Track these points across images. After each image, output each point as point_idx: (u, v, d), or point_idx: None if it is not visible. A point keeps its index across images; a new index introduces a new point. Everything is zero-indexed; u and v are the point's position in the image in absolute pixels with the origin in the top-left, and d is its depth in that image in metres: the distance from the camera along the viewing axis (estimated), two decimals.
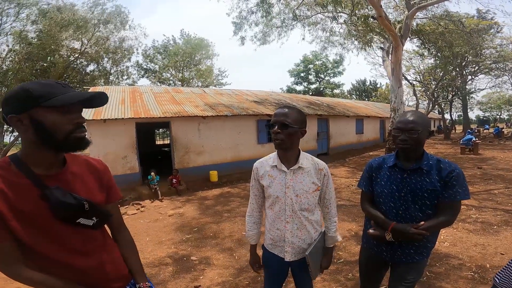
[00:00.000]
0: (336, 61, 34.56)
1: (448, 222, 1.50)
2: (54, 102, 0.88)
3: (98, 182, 1.11)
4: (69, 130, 0.92)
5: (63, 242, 0.96)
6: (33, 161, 0.94)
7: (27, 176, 0.91)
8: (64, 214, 0.93)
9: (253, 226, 1.67)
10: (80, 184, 1.03)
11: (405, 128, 1.49)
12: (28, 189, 0.90)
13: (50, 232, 0.93)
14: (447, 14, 11.89)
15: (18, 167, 0.91)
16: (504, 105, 45.47)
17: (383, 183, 1.61)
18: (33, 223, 0.90)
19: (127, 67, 22.46)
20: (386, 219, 1.56)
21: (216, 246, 4.01)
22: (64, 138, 0.92)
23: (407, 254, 1.57)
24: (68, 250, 0.96)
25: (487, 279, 2.71)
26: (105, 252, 1.09)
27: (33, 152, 0.94)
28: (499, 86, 24.44)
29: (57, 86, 0.92)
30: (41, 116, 0.88)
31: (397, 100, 9.19)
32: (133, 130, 8.05)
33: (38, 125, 0.89)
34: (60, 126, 0.91)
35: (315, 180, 1.52)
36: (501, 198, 5.42)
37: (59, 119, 0.90)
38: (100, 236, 1.09)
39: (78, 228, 0.98)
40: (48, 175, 0.95)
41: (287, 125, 1.41)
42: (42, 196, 0.90)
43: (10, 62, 14.46)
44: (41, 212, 0.90)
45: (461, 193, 1.45)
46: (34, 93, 0.87)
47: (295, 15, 11.71)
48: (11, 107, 0.88)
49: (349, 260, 3.29)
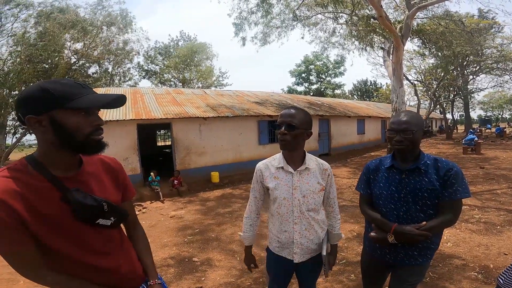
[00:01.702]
0: (337, 61, 34.57)
1: (450, 221, 1.48)
2: (77, 104, 0.86)
3: (114, 181, 1.11)
4: (89, 132, 0.91)
5: (85, 243, 0.96)
6: (51, 163, 0.92)
7: (47, 179, 0.89)
8: (86, 215, 0.93)
9: (250, 228, 1.66)
10: (97, 184, 1.02)
11: (399, 129, 1.48)
12: (49, 191, 0.89)
13: (72, 234, 0.92)
14: (447, 14, 11.88)
15: (36, 169, 0.89)
16: (506, 104, 45.34)
17: (382, 185, 1.60)
18: (55, 226, 0.89)
19: (128, 68, 22.56)
20: (387, 221, 1.54)
21: (218, 247, 4.00)
22: (84, 140, 0.90)
23: (410, 256, 1.55)
24: (90, 251, 0.96)
25: (491, 279, 2.69)
26: (122, 252, 1.09)
27: (51, 154, 0.92)
28: (501, 85, 24.39)
29: (77, 86, 0.90)
30: (63, 117, 0.86)
31: (399, 100, 9.18)
32: (135, 132, 8.06)
33: (59, 126, 0.87)
34: (81, 128, 0.89)
35: (320, 181, 1.53)
36: (504, 198, 5.39)
37: (80, 121, 0.89)
38: (117, 236, 1.09)
39: (98, 229, 0.98)
40: (67, 177, 0.94)
41: (293, 126, 1.41)
42: (63, 199, 0.89)
43: (12, 63, 14.52)
44: (62, 215, 0.89)
45: (461, 191, 1.43)
46: (54, 93, 0.85)
47: (295, 16, 11.72)
48: (30, 107, 0.85)
49: (351, 261, 3.28)
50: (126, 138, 7.91)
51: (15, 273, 3.16)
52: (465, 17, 12.85)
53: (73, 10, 15.97)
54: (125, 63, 20.83)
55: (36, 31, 14.89)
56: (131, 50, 20.39)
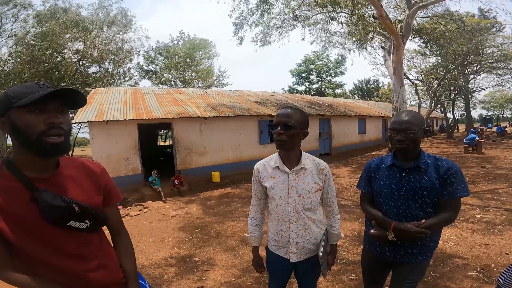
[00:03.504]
0: (337, 61, 34.52)
1: (449, 219, 1.49)
2: (23, 101, 0.86)
3: (95, 185, 1.09)
4: (40, 131, 0.88)
5: (55, 245, 0.94)
6: (23, 164, 0.92)
7: (18, 179, 0.90)
8: (53, 216, 0.91)
9: (256, 229, 1.66)
10: (73, 187, 1.01)
11: (400, 128, 1.50)
12: (19, 192, 0.89)
13: (42, 235, 0.92)
14: (448, 13, 11.86)
15: (9, 170, 0.90)
16: (507, 103, 45.25)
17: (382, 183, 1.62)
18: (24, 226, 0.89)
19: (128, 68, 22.58)
20: (386, 219, 1.56)
21: (219, 246, 4.01)
22: (36, 139, 0.88)
23: (410, 254, 1.56)
24: (60, 254, 0.95)
25: (492, 278, 2.69)
26: (101, 256, 1.06)
27: (22, 155, 0.92)
28: (502, 85, 24.33)
29: (33, 86, 0.89)
30: (16, 117, 0.87)
31: (399, 99, 9.17)
32: (135, 132, 8.07)
33: (12, 126, 0.88)
34: (32, 126, 0.87)
35: (317, 180, 1.52)
36: (505, 198, 5.38)
37: (31, 119, 0.87)
38: (96, 240, 1.07)
39: (71, 232, 0.96)
40: (40, 178, 0.94)
41: (290, 126, 1.41)
42: (32, 199, 0.89)
43: (12, 64, 14.54)
44: (30, 215, 0.89)
45: (460, 190, 1.45)
46: (9, 94, 0.87)
47: (296, 16, 11.71)
48: None
49: (352, 260, 3.28)
50: (127, 138, 7.92)
51: None
52: (465, 16, 12.82)
53: (74, 10, 16.00)
54: (125, 63, 20.85)
55: (37, 31, 14.91)
56: (131, 49, 20.42)
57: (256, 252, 1.71)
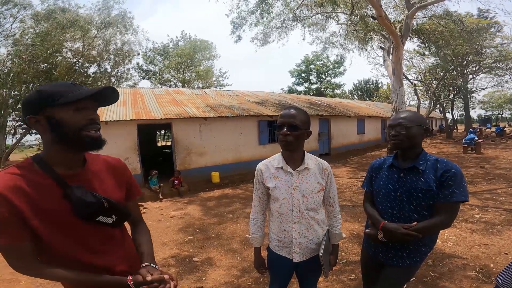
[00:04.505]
0: (337, 61, 34.57)
1: (443, 224, 1.45)
2: (65, 99, 0.91)
3: (117, 181, 1.14)
4: (81, 127, 0.94)
5: (83, 240, 0.99)
6: (54, 161, 0.96)
7: (50, 176, 0.94)
8: (85, 212, 0.96)
9: (257, 229, 1.66)
10: (99, 182, 1.06)
11: (394, 124, 1.53)
12: (51, 188, 0.93)
13: (71, 230, 0.96)
14: (447, 13, 11.88)
15: (41, 167, 0.94)
16: (506, 104, 45.33)
17: (381, 183, 1.62)
18: (55, 222, 0.92)
19: (128, 69, 22.56)
20: (378, 218, 1.56)
21: (218, 247, 4.01)
22: (77, 134, 0.93)
23: (399, 256, 1.54)
24: (86, 248, 0.99)
25: (491, 278, 2.70)
26: (123, 251, 1.11)
27: (54, 152, 0.96)
28: (501, 85, 24.36)
29: (68, 85, 0.95)
30: (56, 114, 0.91)
31: (399, 100, 9.18)
32: (135, 132, 8.07)
33: (53, 123, 0.92)
34: (73, 123, 0.93)
35: (320, 180, 1.53)
36: (504, 198, 5.39)
37: (71, 116, 0.92)
38: (119, 235, 1.12)
39: (98, 227, 1.01)
40: (70, 175, 0.98)
41: (296, 127, 1.42)
42: (65, 195, 0.93)
43: (12, 64, 14.51)
44: (62, 211, 0.93)
45: (458, 194, 1.39)
46: (45, 93, 0.91)
47: (295, 16, 11.72)
48: (28, 109, 0.92)
49: (351, 261, 3.28)
50: (126, 138, 7.91)
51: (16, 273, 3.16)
52: (464, 17, 12.83)
53: (73, 10, 15.97)
54: (125, 63, 20.83)
55: (36, 31, 14.89)
56: (131, 51, 20.40)
57: (258, 253, 1.71)
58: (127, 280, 0.98)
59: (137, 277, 0.99)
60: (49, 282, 3.12)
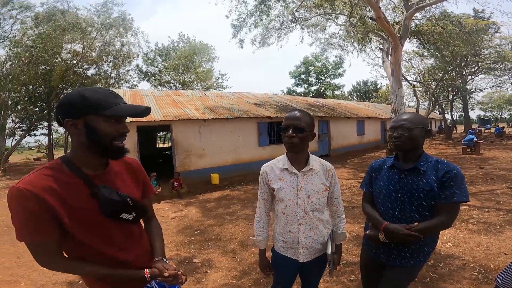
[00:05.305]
0: (336, 62, 34.63)
1: (444, 224, 1.46)
2: (111, 112, 0.97)
3: (135, 180, 1.22)
4: (113, 137, 1.01)
5: (107, 235, 1.05)
6: (82, 162, 1.03)
7: (78, 176, 1.00)
8: (111, 210, 1.02)
9: (262, 231, 1.67)
10: (121, 182, 1.13)
11: (396, 126, 1.54)
12: (79, 187, 0.99)
13: (97, 226, 1.02)
14: (445, 14, 11.93)
15: (69, 167, 1.00)
16: (505, 104, 45.40)
17: (382, 184, 1.62)
18: (83, 218, 0.98)
19: (127, 70, 22.57)
20: (380, 219, 1.55)
21: (218, 248, 4.00)
22: (108, 145, 1.00)
23: (402, 257, 1.54)
24: (110, 243, 1.05)
25: (491, 279, 2.70)
26: (140, 246, 1.18)
27: (83, 154, 1.02)
28: (499, 85, 24.44)
29: (110, 95, 1.00)
30: (96, 123, 0.97)
31: (398, 101, 9.20)
32: (134, 134, 8.07)
33: (91, 130, 0.97)
34: (109, 133, 0.99)
35: (324, 181, 1.55)
36: (504, 198, 5.40)
37: (110, 127, 0.99)
38: (137, 231, 1.19)
39: (121, 223, 1.08)
40: (95, 175, 1.04)
41: (301, 129, 1.44)
42: (92, 194, 1.00)
43: (11, 65, 14.51)
44: (90, 208, 0.99)
45: (459, 195, 1.40)
46: (91, 100, 0.95)
47: (294, 17, 11.76)
48: (69, 111, 0.96)
49: (351, 262, 3.28)
50: (126, 140, 7.83)
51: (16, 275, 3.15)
52: (462, 18, 12.88)
53: (73, 12, 15.99)
54: (124, 65, 20.85)
55: (36, 32, 14.90)
56: (130, 53, 20.42)
57: (263, 254, 1.71)
58: (144, 273, 1.07)
59: (154, 271, 1.08)
60: (50, 283, 3.11)
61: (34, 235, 0.92)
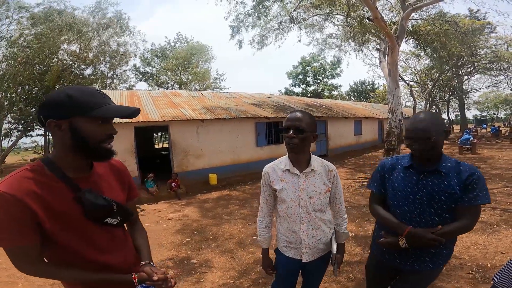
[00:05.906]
0: (334, 62, 34.71)
1: (467, 227, 1.41)
2: (98, 113, 0.92)
3: (120, 182, 1.17)
4: (101, 140, 0.96)
5: (92, 240, 1.01)
6: (65, 165, 0.97)
7: (61, 179, 0.95)
8: (96, 214, 0.99)
9: (265, 231, 1.68)
10: (106, 185, 1.08)
11: (416, 137, 1.40)
12: (62, 191, 0.94)
13: (81, 232, 0.98)
14: (441, 15, 12.01)
15: (51, 170, 0.94)
16: (501, 104, 45.71)
17: (397, 185, 1.52)
18: (66, 223, 0.94)
19: (124, 71, 22.47)
20: (400, 223, 1.45)
21: (216, 248, 4.00)
22: (95, 147, 0.96)
23: (421, 261, 1.46)
24: (94, 247, 1.01)
25: (488, 278, 2.72)
26: (125, 249, 1.15)
27: (66, 156, 0.97)
28: (495, 85, 24.62)
29: (98, 96, 0.95)
30: (81, 124, 0.92)
31: (394, 101, 9.22)
32: (132, 134, 8.04)
33: (76, 132, 0.92)
34: (96, 135, 0.94)
35: (325, 182, 1.56)
36: (500, 198, 5.44)
37: (96, 129, 0.94)
38: (121, 234, 1.15)
39: (105, 227, 1.04)
40: (79, 178, 0.99)
41: (302, 130, 1.44)
42: (76, 198, 0.95)
43: (7, 66, 14.40)
44: (73, 213, 0.95)
45: (482, 197, 1.35)
46: (78, 101, 0.90)
47: (292, 18, 11.77)
48: (53, 112, 0.90)
49: (349, 261, 3.29)
50: (123, 140, 7.88)
51: (13, 276, 3.12)
52: (458, 18, 12.98)
53: (70, 12, 15.91)
54: (121, 65, 20.76)
55: (32, 33, 14.80)
56: (127, 53, 20.33)
57: (266, 254, 1.73)
58: (132, 278, 1.03)
59: (142, 275, 1.04)
60: (48, 284, 3.09)
61: (15, 241, 0.87)
